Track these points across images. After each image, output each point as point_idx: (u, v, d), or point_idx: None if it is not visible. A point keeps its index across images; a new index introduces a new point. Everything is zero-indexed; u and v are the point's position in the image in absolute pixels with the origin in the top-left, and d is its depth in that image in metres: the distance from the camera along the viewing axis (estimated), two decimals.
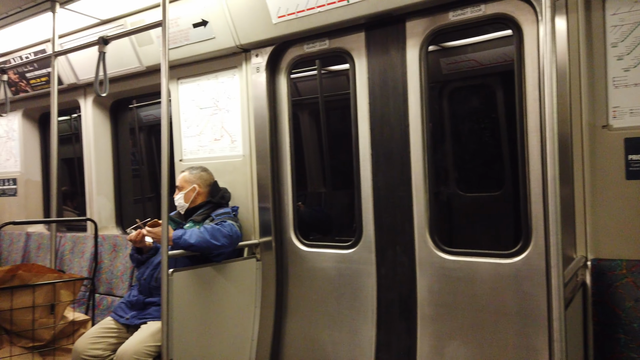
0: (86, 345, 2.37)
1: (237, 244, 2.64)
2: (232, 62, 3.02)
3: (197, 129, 3.23)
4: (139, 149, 4.63)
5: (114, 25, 3.27)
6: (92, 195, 3.85)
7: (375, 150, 2.54)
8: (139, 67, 3.33)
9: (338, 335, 2.66)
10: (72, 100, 3.89)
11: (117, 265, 3.40)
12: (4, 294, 2.34)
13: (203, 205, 2.79)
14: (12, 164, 4.45)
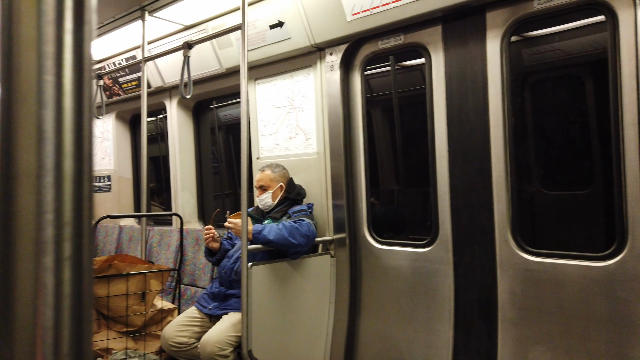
0: (173, 332, 2.53)
1: (312, 243, 2.68)
2: (306, 61, 3.07)
3: (273, 127, 3.32)
4: (217, 147, 4.85)
5: (196, 30, 3.44)
6: (177, 191, 4.09)
7: (452, 147, 2.47)
8: (219, 69, 3.49)
9: (413, 335, 2.62)
10: (159, 102, 4.15)
11: (200, 258, 3.59)
12: (102, 282, 2.56)
13: (282, 202, 2.85)
14: (107, 163, 4.84)
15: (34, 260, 0.33)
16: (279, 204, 2.86)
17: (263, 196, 2.84)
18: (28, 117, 0.34)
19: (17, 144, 0.34)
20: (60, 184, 0.34)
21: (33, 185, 0.33)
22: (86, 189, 0.35)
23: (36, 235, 0.33)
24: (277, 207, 2.85)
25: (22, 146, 0.34)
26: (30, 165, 0.33)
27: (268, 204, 2.83)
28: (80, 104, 0.35)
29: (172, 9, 3.18)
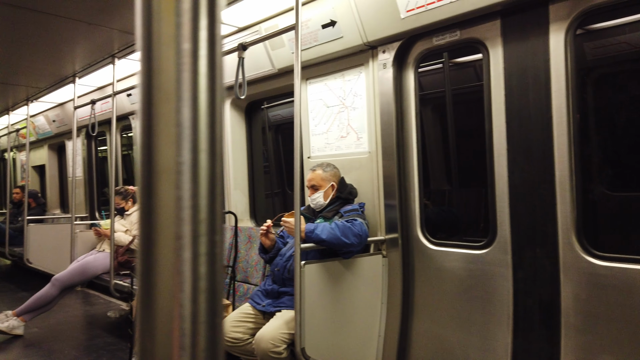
0: (228, 327, 2.59)
1: (365, 243, 2.67)
2: (358, 60, 3.06)
3: (324, 126, 3.33)
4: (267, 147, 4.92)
5: (249, 32, 3.50)
6: (230, 190, 4.18)
7: (512, 145, 2.39)
8: (271, 70, 3.53)
9: (468, 339, 2.55)
10: None
11: (252, 256, 3.66)
12: None
13: (333, 201, 2.86)
14: None
15: (174, 255, 0.34)
16: (331, 203, 2.86)
17: (314, 196, 2.86)
18: (168, 114, 0.35)
19: (158, 141, 0.35)
20: (197, 180, 0.35)
21: (173, 181, 0.35)
22: (218, 186, 0.36)
23: (176, 230, 0.35)
24: (328, 207, 2.86)
25: (162, 143, 0.35)
26: (170, 161, 0.35)
27: (320, 204, 2.84)
28: (213, 101, 0.36)
29: (226, 11, 3.25)
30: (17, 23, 3.55)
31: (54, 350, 3.73)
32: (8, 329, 3.99)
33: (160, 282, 0.34)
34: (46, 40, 4.01)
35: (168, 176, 0.35)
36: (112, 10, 3.30)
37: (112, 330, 4.30)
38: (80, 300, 5.55)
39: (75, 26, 3.60)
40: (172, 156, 0.35)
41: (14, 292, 5.98)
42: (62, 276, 4.28)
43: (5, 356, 3.65)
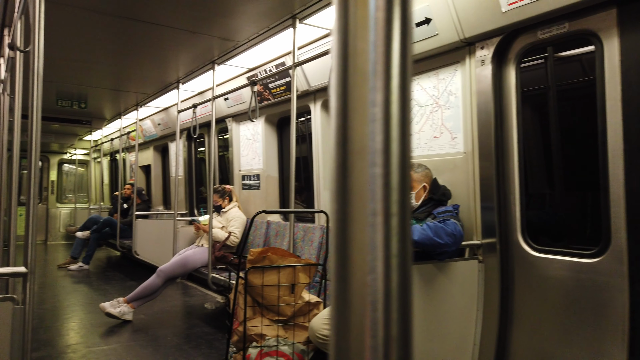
0: (320, 325, 2.62)
1: (460, 244, 2.58)
2: (454, 58, 2.97)
3: (416, 126, 3.26)
4: None
5: None
6: (320, 190, 4.25)
7: (630, 145, 2.17)
8: None
9: (576, 355, 2.36)
10: (304, 105, 4.35)
11: None
12: (257, 272, 2.77)
13: (426, 202, 2.80)
14: (257, 162, 5.24)
15: (367, 233, 0.37)
16: (423, 205, 2.80)
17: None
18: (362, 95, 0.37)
19: (352, 121, 0.37)
20: (389, 160, 0.37)
21: (366, 160, 0.37)
22: (408, 167, 0.38)
23: (370, 207, 0.37)
24: (421, 208, 2.80)
25: (357, 123, 0.37)
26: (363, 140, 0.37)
27: (412, 205, 2.79)
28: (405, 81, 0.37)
29: (320, 15, 3.31)
30: (128, 34, 3.90)
31: (159, 336, 4.04)
32: (119, 314, 4.39)
33: (354, 258, 0.36)
34: (154, 50, 4.35)
35: (362, 155, 0.37)
36: (213, 18, 3.50)
37: (208, 320, 4.57)
38: (180, 291, 5.96)
39: (179, 35, 3.88)
40: (365, 136, 0.37)
41: (123, 280, 6.57)
42: (166, 268, 4.62)
43: (118, 339, 4.01)
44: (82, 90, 6.16)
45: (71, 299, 5.48)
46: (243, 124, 5.49)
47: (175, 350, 3.68)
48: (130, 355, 3.55)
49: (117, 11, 3.39)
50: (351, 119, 0.37)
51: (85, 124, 7.97)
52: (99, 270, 7.53)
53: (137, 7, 3.30)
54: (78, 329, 4.30)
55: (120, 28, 3.74)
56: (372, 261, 0.36)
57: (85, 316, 4.71)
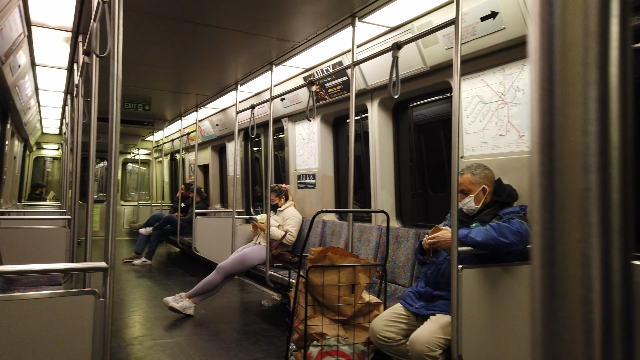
0: (381, 326, 2.60)
1: (527, 243, 2.46)
2: (521, 52, 2.84)
3: (480, 124, 3.16)
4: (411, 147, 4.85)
5: (401, 31, 3.48)
6: (376, 190, 4.21)
7: None
8: (422, 68, 3.47)
9: None
10: (360, 104, 4.33)
11: (399, 256, 3.64)
12: (318, 271, 2.78)
13: (490, 204, 2.70)
14: (312, 162, 5.27)
15: (580, 246, 0.34)
16: (487, 207, 2.70)
17: (465, 201, 2.71)
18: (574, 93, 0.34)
19: (561, 122, 0.35)
20: (607, 166, 0.34)
21: (579, 165, 0.34)
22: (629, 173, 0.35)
23: (582, 217, 0.34)
24: (485, 210, 2.70)
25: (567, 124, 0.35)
26: (575, 143, 0.34)
27: (472, 208, 2.70)
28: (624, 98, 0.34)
29: (380, 13, 3.27)
30: (190, 38, 4.02)
31: (219, 331, 4.15)
32: (182, 308, 4.55)
33: (565, 272, 0.33)
34: (214, 52, 4.47)
35: (573, 160, 0.34)
36: (271, 20, 3.54)
37: (266, 317, 4.64)
38: (237, 288, 6.10)
39: (239, 37, 3.96)
40: (578, 138, 0.33)
41: (183, 276, 6.81)
42: (225, 265, 4.74)
43: (181, 332, 4.16)
44: (146, 93, 6.44)
45: (136, 293, 5.74)
46: (299, 124, 5.54)
47: (236, 345, 3.77)
48: (193, 349, 3.66)
49: (182, 16, 3.51)
50: (560, 118, 0.34)
51: (148, 125, 8.33)
52: (160, 265, 7.85)
53: (201, 11, 3.40)
54: (143, 321, 4.50)
55: (183, 32, 3.87)
56: (587, 278, 0.32)
57: (149, 309, 4.92)
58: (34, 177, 11.17)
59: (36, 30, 3.74)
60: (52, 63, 4.71)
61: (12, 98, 4.79)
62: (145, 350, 3.65)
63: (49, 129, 9.85)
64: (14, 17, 3.17)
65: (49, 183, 11.66)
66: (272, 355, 3.53)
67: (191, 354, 3.55)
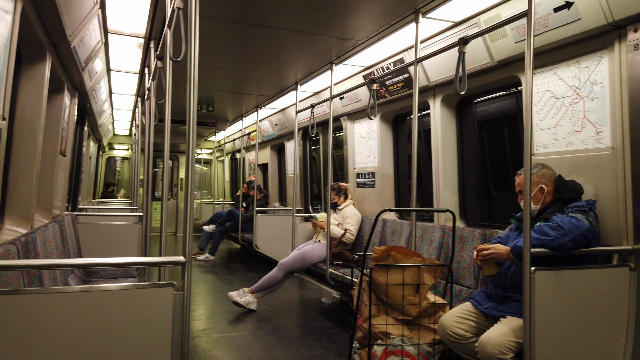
0: (451, 322, 2.55)
1: (582, 236, 2.31)
2: (599, 43, 2.69)
3: (552, 120, 3.02)
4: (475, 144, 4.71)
5: (466, 26, 3.39)
6: (439, 189, 4.13)
7: None
8: (489, 63, 3.36)
9: None
10: (422, 101, 4.25)
11: (464, 257, 3.55)
12: (381, 270, 2.77)
13: (553, 203, 2.59)
14: (372, 160, 5.25)
15: None
16: (550, 205, 2.60)
17: (523, 202, 2.63)
18: None
19: None
20: None
21: None
22: None
23: None
24: (549, 208, 2.60)
25: None
26: None
27: (532, 209, 2.60)
28: None
29: (444, 8, 3.20)
30: (252, 40, 4.11)
31: (281, 327, 4.24)
32: (245, 303, 4.68)
33: None
34: (274, 53, 4.55)
35: None
36: (332, 19, 3.56)
37: (326, 315, 4.68)
38: (297, 284, 6.19)
39: (299, 38, 4.01)
40: None
41: (245, 272, 7.01)
42: (287, 261, 4.83)
43: (244, 326, 4.28)
44: (209, 95, 6.67)
45: (201, 287, 5.97)
46: (358, 122, 5.53)
47: (298, 341, 3.83)
48: (257, 343, 3.76)
49: (245, 19, 3.60)
50: None
51: (211, 126, 8.63)
52: (222, 261, 8.11)
53: (263, 13, 3.47)
54: (209, 314, 4.67)
55: (246, 35, 3.96)
56: None
57: (214, 303, 5.10)
58: (106, 175, 11.89)
59: (112, 37, 3.97)
60: (125, 68, 4.98)
61: (90, 102, 5.12)
62: (212, 343, 3.79)
63: (119, 130, 10.45)
64: (94, 26, 3.39)
65: (119, 181, 12.37)
66: (334, 353, 3.55)
67: (256, 348, 3.64)
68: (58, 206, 4.16)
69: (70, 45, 3.08)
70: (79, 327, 1.69)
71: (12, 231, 2.82)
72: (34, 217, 3.05)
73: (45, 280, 2.56)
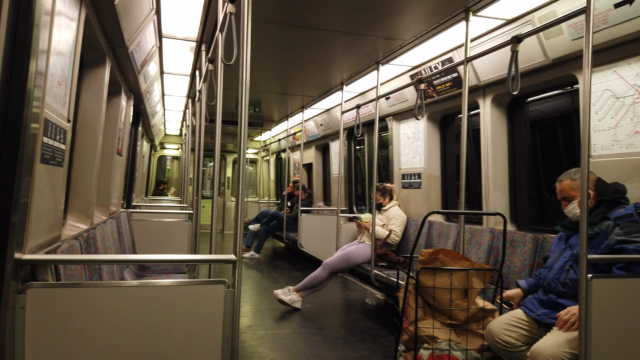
0: (500, 329, 2.48)
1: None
2: None
3: (612, 121, 2.88)
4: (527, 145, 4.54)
5: (519, 23, 3.29)
6: (488, 191, 4.02)
7: None
8: (544, 61, 3.24)
9: None
10: (471, 101, 4.15)
11: (515, 261, 3.44)
12: (429, 273, 2.73)
13: (596, 206, 2.49)
14: (418, 161, 5.18)
15: None
16: (593, 209, 2.49)
17: (569, 208, 2.58)
18: None
19: None
20: None
21: None
22: None
23: None
24: (592, 213, 2.48)
25: None
26: None
27: (577, 215, 2.50)
28: None
29: (496, 5, 3.12)
30: (297, 41, 4.15)
31: (326, 326, 4.26)
32: (290, 301, 4.74)
33: None
34: (320, 54, 4.58)
35: None
36: (379, 20, 3.54)
37: (370, 316, 4.67)
38: (340, 284, 6.20)
39: (346, 38, 4.02)
40: None
41: (289, 270, 7.09)
42: (331, 261, 4.85)
43: (289, 324, 4.34)
44: (256, 96, 6.80)
45: (246, 284, 6.09)
46: (404, 122, 5.47)
47: (342, 341, 3.84)
48: (302, 342, 3.80)
49: (292, 21, 3.64)
50: None
51: (257, 126, 8.79)
52: (267, 259, 8.25)
53: (311, 15, 3.50)
54: (255, 311, 4.76)
55: (292, 36, 4.01)
56: None
57: (259, 300, 5.20)
58: (157, 174, 12.35)
59: (166, 41, 4.12)
60: (177, 71, 5.16)
61: (144, 103, 5.33)
62: (258, 339, 3.87)
63: (170, 131, 10.83)
64: (150, 31, 3.53)
65: (169, 180, 12.81)
66: (379, 354, 3.54)
67: (301, 347, 3.69)
68: (115, 203, 4.36)
69: (127, 49, 3.23)
70: (136, 320, 1.78)
71: (74, 227, 2.99)
72: (93, 213, 3.21)
73: (104, 274, 2.69)
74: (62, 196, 2.21)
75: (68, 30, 2.11)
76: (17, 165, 1.56)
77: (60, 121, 2.05)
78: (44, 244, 1.96)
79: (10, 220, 1.55)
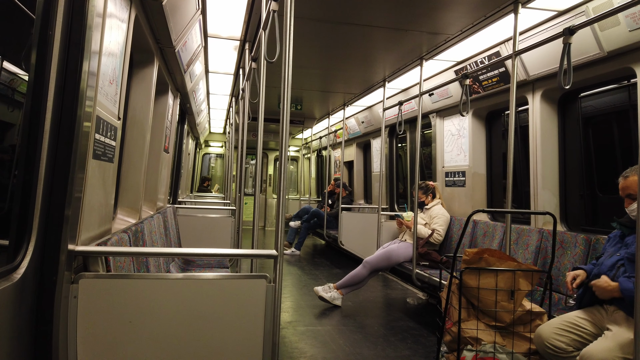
0: (550, 333, 2.39)
1: None
2: None
3: None
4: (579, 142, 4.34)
5: (572, 15, 3.14)
6: (537, 189, 3.87)
7: None
8: (598, 54, 3.09)
9: None
10: (520, 96, 4.01)
11: (565, 263, 3.30)
12: (473, 273, 2.66)
13: None
14: (462, 159, 5.06)
15: None
16: None
17: (632, 207, 2.40)
18: None
19: None
20: None
21: None
22: None
23: None
24: None
25: None
26: None
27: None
28: None
29: None
30: (339, 38, 4.13)
31: (366, 325, 4.24)
32: (330, 298, 4.74)
33: None
34: (363, 50, 4.54)
35: None
36: (423, 14, 3.47)
37: (411, 315, 4.60)
38: (381, 283, 6.15)
39: (387, 34, 3.97)
40: None
41: (329, 268, 7.10)
42: (372, 259, 4.82)
43: (329, 321, 4.34)
44: (298, 94, 6.84)
45: (287, 280, 6.15)
46: (448, 119, 5.36)
47: (383, 340, 3.81)
48: (342, 339, 3.80)
49: (335, 18, 3.63)
50: None
51: (299, 124, 8.84)
52: (308, 256, 8.29)
53: (354, 12, 3.48)
54: (295, 307, 4.80)
55: (335, 33, 4.00)
56: None
57: (300, 297, 5.23)
58: (201, 171, 12.67)
59: (211, 40, 4.21)
60: (222, 69, 5.27)
61: (189, 102, 5.48)
62: (299, 335, 3.89)
63: (215, 129, 11.07)
64: (195, 31, 3.62)
65: (212, 177, 13.11)
66: (420, 355, 3.49)
67: (341, 344, 3.68)
68: (161, 199, 4.51)
69: (174, 49, 3.32)
70: (181, 311, 1.83)
71: (124, 221, 3.11)
72: (141, 208, 3.33)
73: (150, 266, 2.79)
74: (112, 191, 2.30)
75: (119, 31, 2.18)
76: (70, 161, 1.63)
77: (111, 119, 2.14)
78: (96, 237, 2.04)
79: (64, 214, 1.63)
